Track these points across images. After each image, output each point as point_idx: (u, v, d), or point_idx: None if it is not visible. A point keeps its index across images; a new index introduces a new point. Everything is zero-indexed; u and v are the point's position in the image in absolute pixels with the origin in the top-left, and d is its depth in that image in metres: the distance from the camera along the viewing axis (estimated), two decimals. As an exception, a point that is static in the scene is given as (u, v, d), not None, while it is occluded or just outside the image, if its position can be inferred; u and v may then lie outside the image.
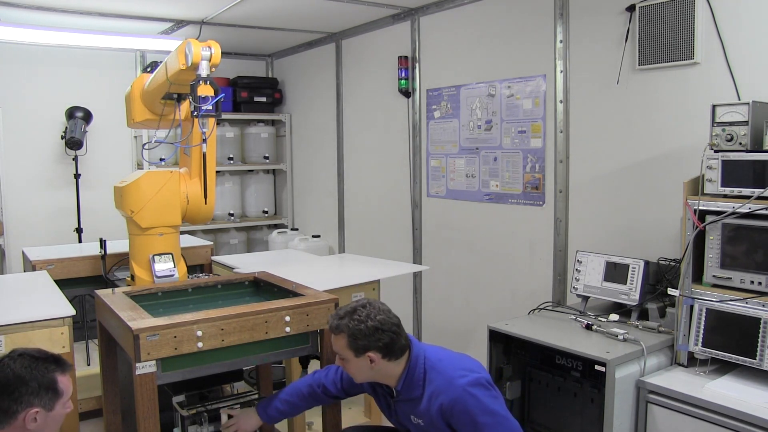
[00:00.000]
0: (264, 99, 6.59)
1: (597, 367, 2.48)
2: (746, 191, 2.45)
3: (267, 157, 6.60)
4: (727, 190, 2.51)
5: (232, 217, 6.43)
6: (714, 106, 2.62)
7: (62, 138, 5.52)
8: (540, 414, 2.96)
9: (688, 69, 3.12)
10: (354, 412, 3.80)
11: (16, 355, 1.95)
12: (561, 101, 3.75)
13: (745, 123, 2.52)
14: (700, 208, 2.55)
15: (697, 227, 2.55)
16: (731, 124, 2.56)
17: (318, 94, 6.12)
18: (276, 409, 2.58)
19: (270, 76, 6.92)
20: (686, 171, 2.90)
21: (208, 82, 2.69)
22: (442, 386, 2.21)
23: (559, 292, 3.81)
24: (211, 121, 2.89)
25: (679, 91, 3.18)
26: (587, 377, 2.69)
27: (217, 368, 2.43)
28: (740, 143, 2.52)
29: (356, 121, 5.59)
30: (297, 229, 6.51)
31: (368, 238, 5.54)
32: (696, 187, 2.60)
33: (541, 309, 3.24)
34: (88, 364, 4.57)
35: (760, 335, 2.35)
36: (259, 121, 6.64)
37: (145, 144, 5.55)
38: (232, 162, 6.36)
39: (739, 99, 2.88)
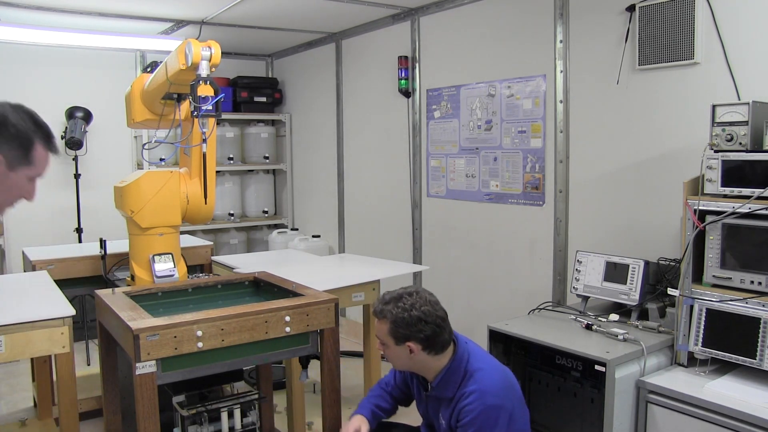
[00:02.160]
0: (264, 99, 6.59)
1: (597, 367, 2.48)
2: (746, 191, 2.45)
3: (267, 157, 6.59)
4: (727, 190, 2.51)
5: (232, 217, 6.43)
6: (714, 106, 2.62)
7: (62, 138, 5.51)
8: (540, 414, 2.95)
9: (688, 69, 3.12)
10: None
11: (18, 104, 1.83)
12: (561, 101, 3.75)
13: (745, 123, 2.52)
14: (700, 208, 2.55)
15: (697, 227, 2.55)
16: (731, 124, 2.56)
17: (318, 94, 6.12)
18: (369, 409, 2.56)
19: (270, 76, 6.92)
20: (686, 171, 2.90)
21: (208, 82, 2.69)
22: (475, 394, 2.21)
23: (559, 292, 3.81)
24: (211, 121, 2.89)
25: (679, 91, 3.18)
26: (587, 377, 2.69)
27: (217, 368, 2.42)
28: (740, 143, 2.53)
29: (356, 121, 5.59)
30: (297, 229, 6.51)
31: (368, 238, 5.54)
32: (696, 187, 2.60)
33: (541, 309, 3.24)
34: (88, 364, 4.59)
35: (760, 335, 2.35)
36: (259, 121, 6.65)
37: (145, 144, 5.55)
38: (232, 162, 6.36)
39: (739, 99, 2.88)
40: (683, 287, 2.60)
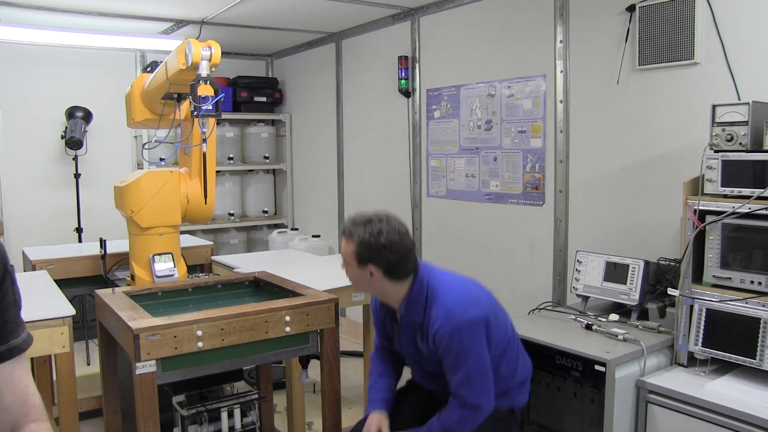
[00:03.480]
0: (264, 99, 6.59)
1: (597, 367, 2.48)
2: (746, 191, 2.45)
3: (267, 157, 6.59)
4: (727, 190, 2.51)
5: (232, 217, 6.43)
6: (714, 106, 2.62)
7: (62, 138, 5.52)
8: (540, 414, 2.95)
9: (688, 69, 3.12)
10: (354, 411, 3.79)
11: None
12: (561, 101, 3.75)
13: (745, 123, 2.52)
14: (700, 208, 2.55)
15: (697, 227, 2.55)
16: (731, 124, 2.56)
17: (318, 94, 6.12)
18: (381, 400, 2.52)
19: (270, 75, 6.92)
20: (686, 171, 2.90)
21: (208, 82, 2.69)
22: (441, 319, 2.21)
23: (559, 292, 3.81)
24: (211, 120, 2.90)
25: (679, 91, 3.18)
26: (587, 377, 2.68)
27: (217, 368, 2.42)
28: (740, 143, 2.53)
29: (356, 121, 5.59)
30: (297, 229, 6.51)
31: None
32: (696, 187, 2.60)
33: (541, 309, 3.24)
34: (88, 364, 4.59)
35: (760, 335, 2.35)
36: (259, 120, 6.65)
37: (145, 144, 5.55)
38: (232, 162, 6.36)
39: (739, 99, 2.88)
40: (683, 287, 2.60)
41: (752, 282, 2.45)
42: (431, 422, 2.31)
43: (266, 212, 6.73)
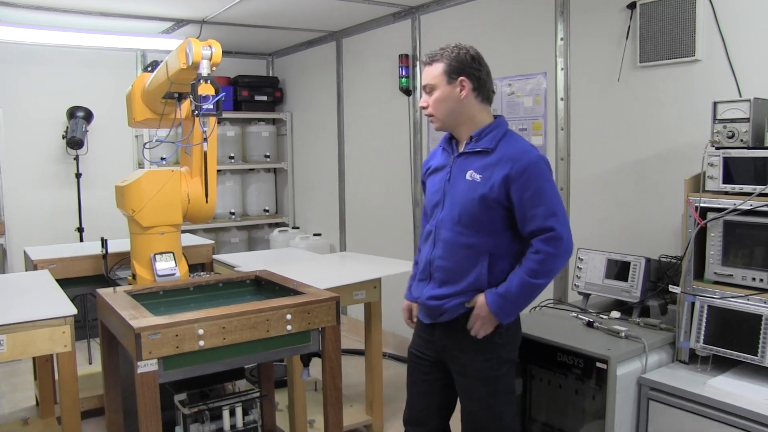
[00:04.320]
0: (265, 98, 6.59)
1: (598, 365, 2.48)
2: (747, 188, 2.45)
3: (268, 156, 6.60)
4: (729, 187, 2.51)
5: (233, 216, 6.43)
6: (715, 103, 2.62)
7: (63, 138, 5.52)
8: (541, 411, 2.96)
9: (689, 66, 3.12)
10: (355, 410, 3.80)
11: None
12: (562, 99, 3.75)
13: (747, 120, 2.52)
14: (701, 205, 2.55)
15: (698, 224, 2.55)
16: (732, 121, 2.56)
17: (319, 93, 6.12)
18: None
19: (271, 75, 6.92)
20: (687, 168, 2.90)
21: (208, 81, 2.69)
22: (517, 154, 2.24)
23: (560, 289, 3.81)
24: (212, 120, 2.89)
25: (680, 89, 3.18)
26: (589, 375, 2.68)
27: (219, 367, 2.43)
28: (741, 140, 2.52)
29: (357, 120, 5.59)
30: (298, 228, 6.52)
31: (369, 236, 5.54)
32: (697, 184, 2.59)
33: (542, 306, 3.24)
34: (90, 363, 4.60)
35: (761, 332, 2.35)
36: (259, 119, 6.65)
37: (146, 143, 5.55)
38: (233, 161, 6.37)
39: (741, 96, 2.88)
40: (685, 284, 2.60)
41: (754, 279, 2.44)
42: (513, 276, 2.27)
43: (267, 211, 6.74)
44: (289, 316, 2.50)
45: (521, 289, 2.25)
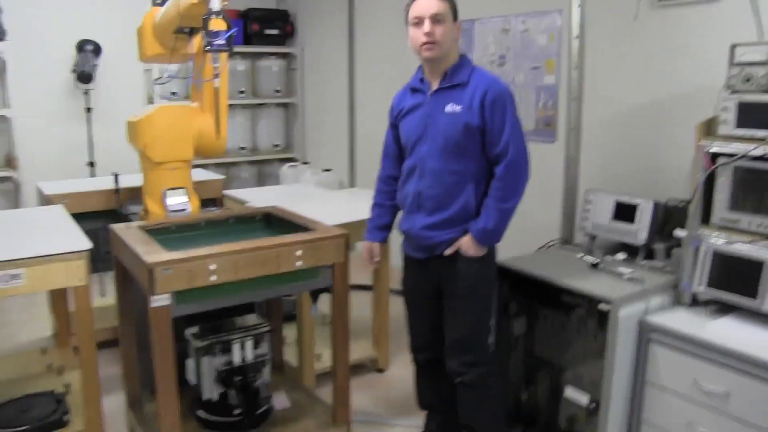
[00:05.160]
0: (275, 31, 6.50)
1: (601, 306, 2.51)
2: (761, 133, 2.43)
3: (278, 91, 6.56)
4: (741, 132, 2.49)
5: (244, 151, 6.43)
6: (733, 46, 2.57)
7: (73, 72, 5.49)
8: (544, 349, 3.03)
9: (710, 6, 3.05)
10: (361, 345, 3.88)
11: None
12: (576, 37, 3.67)
13: (765, 63, 2.47)
14: (712, 150, 2.53)
15: (708, 169, 2.54)
16: (750, 64, 2.51)
17: (330, 27, 6.02)
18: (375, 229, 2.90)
19: (282, 8, 6.80)
20: (701, 112, 2.86)
21: (220, 16, 2.65)
22: (489, 84, 2.51)
23: (567, 230, 3.81)
24: (224, 56, 2.87)
25: (699, 30, 3.11)
26: (591, 315, 2.74)
27: (230, 301, 2.48)
28: (758, 84, 2.48)
29: (369, 55, 5.51)
30: (308, 163, 6.52)
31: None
32: (709, 128, 2.57)
33: (549, 246, 3.27)
34: (103, 296, 4.69)
35: (762, 278, 2.36)
36: (270, 54, 6.57)
37: (156, 79, 5.51)
38: (243, 95, 6.33)
39: (762, 39, 2.81)
40: (691, 228, 2.60)
41: (759, 225, 2.45)
42: (487, 208, 2.53)
43: (277, 146, 6.74)
44: (299, 252, 2.54)
45: (498, 215, 2.52)
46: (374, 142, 5.66)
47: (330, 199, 4.11)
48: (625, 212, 3.02)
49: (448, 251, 2.59)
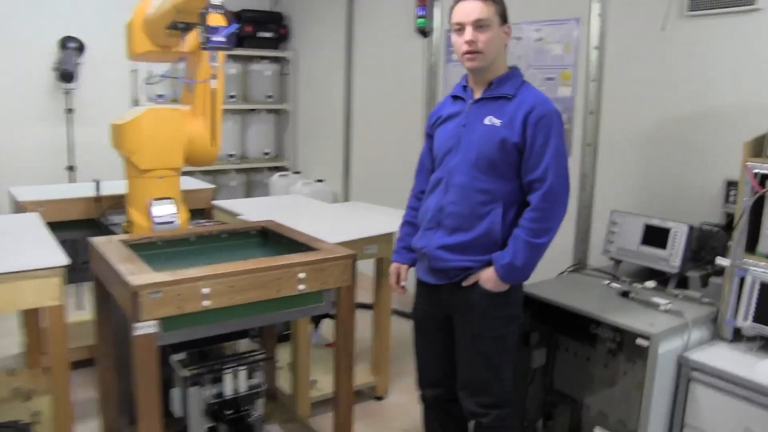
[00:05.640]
0: (269, 34, 6.27)
1: (639, 341, 2.27)
2: (815, 154, 2.22)
3: (270, 96, 6.33)
4: (794, 153, 2.28)
5: (232, 158, 6.18)
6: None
7: (54, 70, 5.20)
8: (564, 383, 2.79)
9: (747, 16, 2.85)
10: (359, 370, 3.62)
11: None
12: (596, 48, 3.46)
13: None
14: (762, 171, 2.31)
15: (756, 192, 2.32)
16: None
17: (327, 31, 5.81)
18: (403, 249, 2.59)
19: (276, 10, 6.56)
20: (735, 130, 2.67)
21: (221, 11, 2.39)
22: (537, 101, 2.25)
23: (581, 252, 3.60)
24: (221, 54, 2.62)
25: (733, 42, 2.92)
26: (623, 349, 2.50)
27: (223, 328, 2.22)
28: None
29: (367, 61, 5.32)
30: (299, 173, 6.28)
31: (375, 185, 5.31)
32: (758, 148, 2.36)
33: (571, 271, 3.03)
34: (79, 309, 4.38)
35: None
36: (262, 57, 6.34)
37: (147, 78, 5.23)
38: (233, 100, 6.10)
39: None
40: (735, 257, 2.38)
41: (814, 255, 2.24)
42: (515, 240, 2.22)
43: (267, 154, 6.50)
44: (301, 275, 2.28)
45: (528, 252, 2.21)
46: (371, 154, 5.47)
47: (330, 214, 3.85)
48: (656, 236, 2.78)
49: (466, 282, 2.31)
